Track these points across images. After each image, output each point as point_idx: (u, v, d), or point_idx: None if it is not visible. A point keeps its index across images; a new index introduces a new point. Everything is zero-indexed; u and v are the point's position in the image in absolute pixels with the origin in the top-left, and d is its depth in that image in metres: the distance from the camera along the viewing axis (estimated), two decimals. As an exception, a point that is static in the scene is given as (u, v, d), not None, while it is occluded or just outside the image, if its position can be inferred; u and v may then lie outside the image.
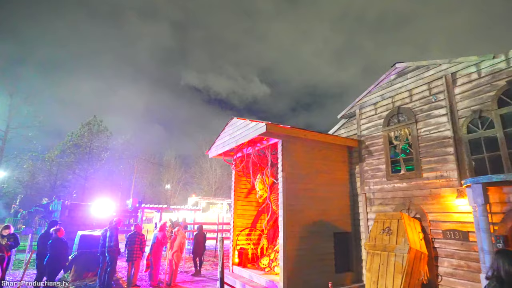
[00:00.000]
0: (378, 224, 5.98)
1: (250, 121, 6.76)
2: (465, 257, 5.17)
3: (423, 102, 6.33)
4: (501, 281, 2.32)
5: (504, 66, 5.12)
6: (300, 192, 6.55)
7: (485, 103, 5.29)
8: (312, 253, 6.39)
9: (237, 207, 8.70)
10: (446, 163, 5.71)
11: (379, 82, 7.36)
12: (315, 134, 7.02)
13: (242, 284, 6.78)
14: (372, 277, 5.49)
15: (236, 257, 8.19)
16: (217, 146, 8.52)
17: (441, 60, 6.10)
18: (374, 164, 7.18)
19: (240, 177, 8.88)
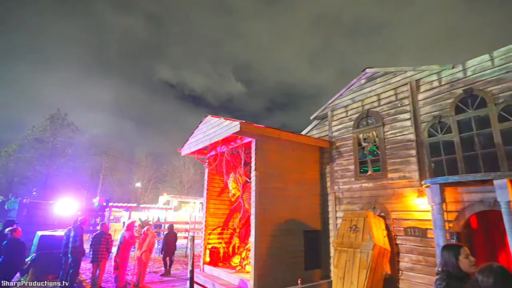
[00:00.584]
0: (346, 222, 6.23)
1: (224, 120, 6.74)
2: (423, 253, 5.54)
3: (390, 106, 6.67)
4: (448, 274, 2.50)
5: (461, 76, 5.54)
6: (273, 191, 6.64)
7: (444, 109, 5.68)
8: (283, 251, 6.50)
9: (210, 206, 8.64)
10: (408, 164, 6.07)
11: (351, 85, 7.64)
12: (288, 134, 7.15)
13: (213, 283, 6.75)
14: (339, 273, 5.71)
15: (207, 256, 8.12)
16: (190, 144, 8.39)
17: (407, 67, 6.47)
18: (343, 165, 7.45)
19: (213, 175, 8.82)
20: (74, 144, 32.31)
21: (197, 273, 7.58)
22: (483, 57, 5.31)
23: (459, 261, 2.47)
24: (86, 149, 34.07)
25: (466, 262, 2.45)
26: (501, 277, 1.75)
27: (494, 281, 1.74)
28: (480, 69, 5.30)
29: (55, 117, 30.91)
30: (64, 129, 31.41)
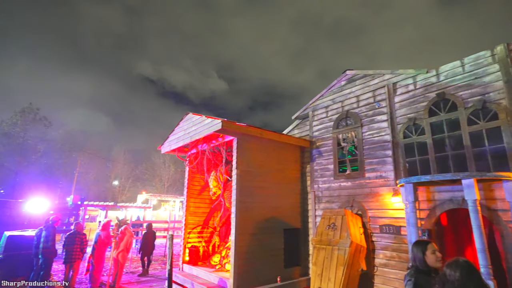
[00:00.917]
0: (325, 220, 6.36)
1: (206, 117, 6.68)
2: (397, 249, 5.76)
3: (368, 108, 6.87)
4: (416, 269, 2.63)
5: (435, 80, 5.81)
6: (253, 190, 6.67)
7: (419, 112, 5.93)
8: (263, 249, 6.55)
9: (190, 204, 8.54)
10: (385, 164, 6.29)
11: (331, 87, 7.80)
12: (270, 134, 7.20)
13: (192, 283, 6.69)
14: (317, 270, 5.83)
15: (187, 256, 8.03)
16: (170, 141, 8.25)
17: (385, 70, 6.69)
18: (323, 164, 7.60)
19: (194, 174, 8.72)
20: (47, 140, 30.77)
21: (176, 273, 7.47)
22: (455, 63, 5.59)
23: (426, 257, 2.60)
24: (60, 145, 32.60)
25: (432, 258, 2.58)
26: (466, 270, 1.87)
27: (460, 274, 1.85)
28: (452, 75, 5.58)
29: (26, 112, 29.27)
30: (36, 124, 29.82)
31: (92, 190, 36.52)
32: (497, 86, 4.96)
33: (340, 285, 5.32)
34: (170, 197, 26.55)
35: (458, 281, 1.83)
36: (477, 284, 1.80)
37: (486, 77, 5.12)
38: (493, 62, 5.08)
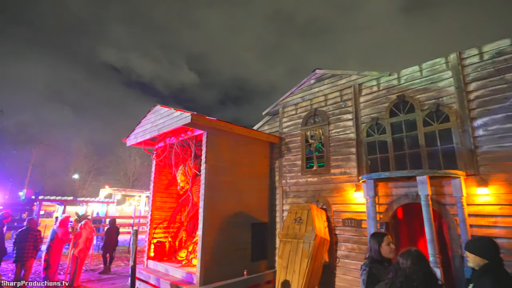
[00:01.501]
0: (291, 215, 6.54)
1: (175, 110, 6.51)
2: (357, 241, 6.10)
3: (335, 107, 7.14)
4: (371, 259, 2.84)
5: (396, 83, 6.18)
6: (222, 185, 6.66)
7: (381, 112, 6.28)
8: (231, 244, 6.58)
9: (156, 199, 8.31)
10: (349, 161, 6.59)
11: (301, 84, 7.98)
12: (240, 129, 7.21)
13: (157, 279, 6.55)
14: (283, 263, 5.99)
15: (152, 251, 7.84)
16: (136, 134, 7.94)
17: (351, 71, 6.97)
18: (291, 160, 7.79)
19: (161, 168, 8.49)
20: (-3, 129, 28.14)
21: (140, 269, 7.27)
22: (414, 68, 5.98)
23: (381, 248, 2.82)
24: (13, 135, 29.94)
25: (387, 249, 2.80)
26: (416, 259, 2.04)
27: (411, 262, 2.02)
28: (411, 78, 5.96)
29: (-28, 97, 26.44)
30: (-16, 111, 27.10)
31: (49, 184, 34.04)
32: (449, 91, 5.40)
33: (304, 276, 5.52)
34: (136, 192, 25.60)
35: (409, 268, 2.00)
36: (425, 271, 1.98)
37: (440, 82, 5.55)
38: (446, 69, 5.51)
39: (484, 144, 4.87)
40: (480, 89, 5.07)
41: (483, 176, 4.77)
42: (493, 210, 4.61)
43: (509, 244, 4.38)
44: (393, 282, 2.04)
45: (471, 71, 5.22)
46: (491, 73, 5.00)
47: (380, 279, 2.64)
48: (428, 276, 1.96)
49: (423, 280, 1.92)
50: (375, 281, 2.68)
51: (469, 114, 5.09)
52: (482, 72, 5.09)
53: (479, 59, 5.18)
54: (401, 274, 2.01)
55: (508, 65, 4.84)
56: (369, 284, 2.72)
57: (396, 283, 2.01)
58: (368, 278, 2.73)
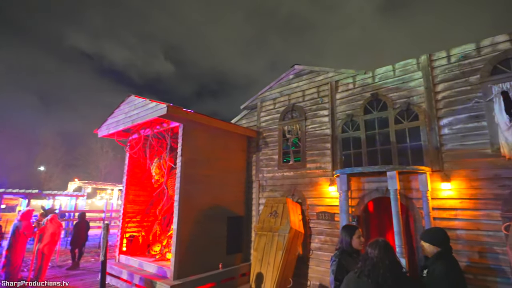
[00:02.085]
0: (267, 208, 6.62)
1: (150, 101, 6.31)
2: (330, 234, 6.30)
3: (312, 103, 7.26)
4: (342, 250, 2.99)
5: (371, 81, 6.38)
6: (198, 178, 6.59)
7: (355, 109, 6.47)
8: (206, 237, 6.56)
9: (129, 192, 8.07)
10: (324, 156, 6.76)
11: (280, 79, 8.02)
12: (218, 122, 7.14)
13: (129, 273, 6.39)
14: (258, 255, 6.07)
15: (125, 246, 7.63)
16: (109, 124, 7.62)
17: (329, 68, 7.11)
18: (268, 154, 7.85)
19: (135, 160, 8.23)
20: (-49, 116, 25.83)
21: (111, 264, 7.06)
22: (387, 67, 6.20)
23: (352, 240, 2.97)
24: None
25: (357, 241, 2.96)
26: (384, 248, 2.17)
27: (378, 251, 2.14)
28: (385, 78, 6.19)
29: None
30: None
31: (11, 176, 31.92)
32: (419, 91, 5.67)
33: (279, 268, 5.63)
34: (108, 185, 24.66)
35: (377, 257, 2.11)
36: (391, 259, 2.10)
37: (411, 82, 5.81)
38: (417, 70, 5.77)
39: (449, 142, 5.18)
40: (446, 90, 5.37)
41: (447, 172, 5.09)
42: (454, 203, 4.94)
43: (467, 235, 4.73)
44: (362, 271, 2.15)
45: (439, 73, 5.51)
46: (457, 75, 5.30)
47: (349, 270, 2.77)
48: (393, 263, 2.08)
49: (388, 268, 2.04)
50: (344, 271, 2.82)
51: (436, 114, 5.38)
52: (449, 74, 5.39)
53: (447, 61, 5.46)
54: (369, 263, 2.13)
55: (472, 68, 5.15)
56: (338, 274, 2.85)
57: (364, 271, 2.12)
58: (338, 268, 2.86)
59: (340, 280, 2.84)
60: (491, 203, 4.61)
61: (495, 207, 4.56)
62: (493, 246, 4.50)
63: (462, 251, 4.69)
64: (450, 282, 2.43)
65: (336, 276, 2.88)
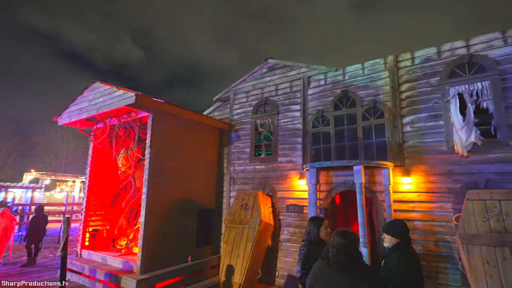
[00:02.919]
0: (238, 201, 6.65)
1: (117, 89, 5.99)
2: (299, 226, 6.48)
3: (285, 97, 7.34)
4: (310, 241, 3.13)
5: (341, 79, 6.58)
6: (168, 170, 6.42)
7: (326, 105, 6.65)
8: (175, 230, 6.44)
9: (93, 184, 7.66)
10: (295, 150, 6.89)
11: (253, 72, 8.00)
12: (189, 113, 6.97)
13: (92, 269, 6.12)
14: (228, 248, 6.09)
15: (87, 240, 7.27)
16: (71, 112, 7.13)
17: (302, 64, 7.21)
18: (240, 147, 7.84)
19: (100, 151, 7.81)
20: None
21: (72, 260, 6.70)
22: (357, 66, 6.43)
23: (320, 231, 3.12)
24: None
25: (324, 233, 3.11)
26: (347, 237, 2.29)
27: (341, 239, 2.28)
28: (355, 75, 6.41)
29: None
30: None
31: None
32: (385, 90, 5.95)
33: (248, 260, 5.70)
34: (69, 177, 23.24)
35: (339, 245, 2.22)
36: (353, 247, 2.23)
37: (378, 81, 6.08)
38: (384, 70, 6.05)
39: (410, 139, 5.52)
40: (410, 90, 5.69)
41: (407, 167, 5.43)
42: (413, 196, 5.30)
43: (423, 226, 5.11)
44: (326, 258, 2.26)
45: (404, 73, 5.82)
46: (419, 76, 5.64)
47: (316, 258, 2.89)
48: (354, 252, 2.21)
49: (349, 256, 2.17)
50: (311, 260, 2.96)
51: (400, 112, 5.69)
52: (413, 75, 5.71)
53: (411, 63, 5.78)
54: (331, 251, 2.24)
55: (433, 71, 5.50)
56: (305, 262, 2.99)
57: (329, 259, 2.23)
58: (305, 257, 3.02)
59: (307, 268, 2.96)
60: (444, 196, 5.02)
61: (448, 199, 4.97)
62: (444, 235, 4.91)
63: (418, 240, 5.06)
64: (401, 273, 2.56)
65: (303, 265, 3.01)
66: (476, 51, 5.14)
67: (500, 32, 5.00)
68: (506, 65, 4.85)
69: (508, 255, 3.54)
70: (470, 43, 5.22)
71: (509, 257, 3.53)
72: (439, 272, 4.85)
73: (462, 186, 4.87)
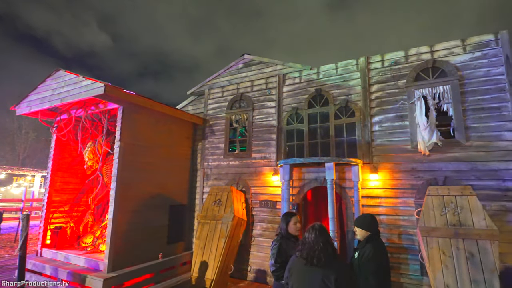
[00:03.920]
0: (211, 197, 6.60)
1: (84, 78, 5.66)
2: (271, 221, 6.58)
3: (260, 94, 7.37)
4: (281, 235, 3.22)
5: (316, 77, 6.73)
6: (139, 165, 6.21)
7: (300, 103, 6.78)
8: (146, 227, 6.27)
9: (56, 179, 7.20)
10: (269, 146, 6.96)
11: (229, 67, 7.93)
12: (162, 106, 6.77)
13: (54, 268, 5.78)
14: (200, 244, 6.04)
15: (49, 238, 6.84)
16: (31, 101, 6.63)
17: (278, 61, 7.27)
18: (215, 143, 7.77)
19: (64, 143, 7.35)
20: None
21: (31, 259, 6.28)
22: (331, 66, 6.61)
23: (289, 226, 3.22)
24: None
25: (293, 228, 3.21)
26: (319, 232, 2.36)
27: (314, 235, 2.32)
28: (328, 75, 6.58)
29: None
30: None
31: None
32: (357, 90, 6.18)
33: (221, 256, 5.69)
34: (28, 171, 21.65)
35: (313, 240, 2.29)
36: (325, 241, 2.30)
37: (351, 81, 6.30)
38: (356, 70, 6.27)
39: (378, 138, 5.80)
40: (379, 91, 5.96)
41: (375, 164, 5.71)
42: (379, 192, 5.59)
43: (388, 220, 5.42)
44: (301, 254, 2.32)
45: (374, 75, 6.08)
46: (388, 78, 5.92)
47: (288, 253, 2.97)
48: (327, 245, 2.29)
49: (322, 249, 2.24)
50: (283, 254, 3.04)
51: (370, 112, 5.95)
52: (382, 76, 5.98)
53: (381, 65, 6.05)
54: (307, 247, 2.30)
55: (401, 73, 5.80)
56: (277, 257, 3.07)
57: (303, 254, 2.29)
58: (278, 252, 3.08)
59: (280, 262, 3.03)
60: (407, 192, 5.35)
61: (410, 195, 5.31)
62: (407, 228, 5.24)
63: (383, 233, 5.36)
64: (377, 262, 2.80)
65: (275, 259, 3.07)
66: (439, 56, 5.49)
67: (461, 40, 5.38)
68: (465, 71, 5.24)
69: (462, 246, 3.87)
70: (434, 49, 5.57)
71: (462, 248, 3.86)
72: (401, 263, 5.18)
73: (424, 182, 5.21)
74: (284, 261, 3.01)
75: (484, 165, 4.85)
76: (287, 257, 2.99)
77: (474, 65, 5.19)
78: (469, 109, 5.11)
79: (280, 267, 3.01)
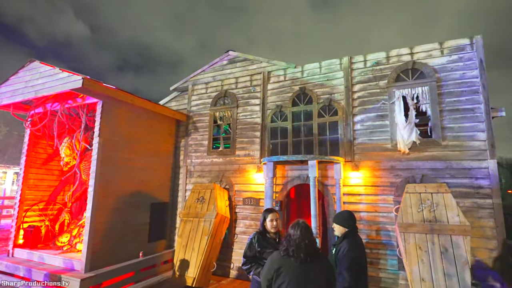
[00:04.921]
0: (194, 194, 6.52)
1: (60, 70, 5.42)
2: (255, 218, 6.60)
3: (245, 91, 7.34)
4: (259, 231, 3.27)
5: (300, 76, 6.77)
6: (119, 161, 6.03)
7: (284, 101, 6.81)
8: (126, 225, 6.11)
9: (30, 176, 6.87)
10: (253, 144, 6.96)
11: (213, 64, 7.83)
12: (144, 102, 6.60)
13: (28, 269, 5.53)
14: (182, 242, 5.97)
15: (22, 238, 6.53)
16: (1, 93, 6.27)
17: (262, 58, 7.25)
18: (198, 140, 7.67)
19: (38, 138, 7.02)
20: None
21: (2, 260, 5.98)
22: (315, 64, 6.67)
23: (266, 222, 3.28)
24: None
25: (269, 224, 3.28)
26: (304, 229, 2.39)
27: (300, 232, 2.35)
28: (312, 74, 6.64)
29: None
30: None
31: None
32: (340, 89, 6.28)
33: (203, 253, 5.65)
34: (-2, 167, 20.52)
35: (298, 238, 2.32)
36: (309, 238, 2.33)
37: (334, 80, 6.39)
38: (340, 70, 6.37)
39: (360, 137, 5.93)
40: (361, 90, 6.09)
41: (357, 162, 5.84)
42: (360, 190, 5.73)
43: (368, 217, 5.56)
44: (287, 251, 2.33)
45: (357, 75, 6.19)
46: (370, 78, 6.05)
47: (260, 248, 3.10)
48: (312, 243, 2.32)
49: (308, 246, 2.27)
50: (252, 249, 3.15)
51: (352, 111, 6.06)
52: (364, 76, 6.11)
53: (363, 65, 6.17)
54: (292, 244, 2.32)
55: (382, 74, 5.94)
56: (247, 251, 3.18)
57: (289, 251, 2.30)
58: (248, 246, 3.19)
59: (249, 257, 3.16)
60: (387, 189, 5.51)
61: (389, 192, 5.47)
62: (385, 225, 5.41)
63: (363, 230, 5.50)
64: (351, 258, 2.85)
65: (245, 253, 3.19)
66: (419, 58, 5.67)
67: (439, 43, 5.58)
68: (442, 73, 5.45)
69: (436, 241, 4.04)
70: (414, 51, 5.74)
71: (437, 243, 4.03)
72: (380, 258, 5.34)
73: (402, 180, 5.38)
74: (253, 256, 3.14)
75: (459, 164, 5.07)
76: (256, 252, 3.12)
77: (451, 68, 5.40)
78: (445, 110, 5.32)
79: (247, 261, 3.15)
